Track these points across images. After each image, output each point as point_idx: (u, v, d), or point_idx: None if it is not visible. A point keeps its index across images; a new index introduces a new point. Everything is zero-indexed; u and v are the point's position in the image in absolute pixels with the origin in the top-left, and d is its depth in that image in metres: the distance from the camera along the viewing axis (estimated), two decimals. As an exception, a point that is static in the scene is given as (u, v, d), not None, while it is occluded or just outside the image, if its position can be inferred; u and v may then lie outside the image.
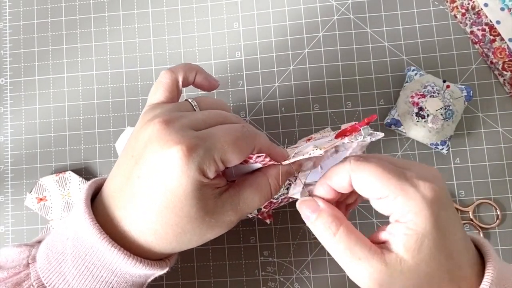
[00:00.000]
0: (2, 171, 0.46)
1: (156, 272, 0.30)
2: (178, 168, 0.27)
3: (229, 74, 0.46)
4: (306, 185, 0.33)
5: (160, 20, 0.47)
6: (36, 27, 0.48)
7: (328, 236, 0.28)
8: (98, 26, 0.47)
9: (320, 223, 0.29)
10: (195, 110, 0.32)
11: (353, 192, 0.30)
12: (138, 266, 0.29)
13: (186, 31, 0.47)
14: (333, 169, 0.29)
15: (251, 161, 0.30)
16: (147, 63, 0.46)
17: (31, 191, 0.45)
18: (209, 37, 0.46)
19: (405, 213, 0.27)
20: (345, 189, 0.29)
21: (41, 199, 0.44)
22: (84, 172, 0.45)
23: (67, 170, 0.45)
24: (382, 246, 0.28)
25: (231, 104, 0.45)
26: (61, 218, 0.44)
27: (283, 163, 0.31)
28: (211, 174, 0.28)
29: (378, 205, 0.29)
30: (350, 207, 0.33)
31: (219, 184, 0.30)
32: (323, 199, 0.30)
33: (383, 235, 0.28)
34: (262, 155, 0.30)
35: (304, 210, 0.30)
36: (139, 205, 0.28)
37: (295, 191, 0.33)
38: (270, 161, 0.31)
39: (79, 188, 0.44)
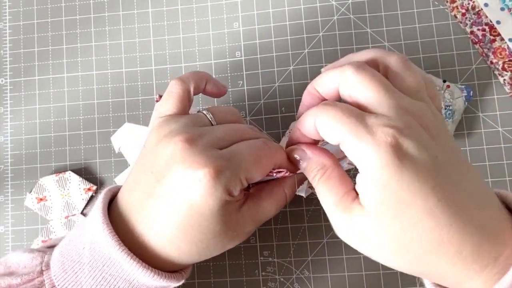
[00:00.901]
0: (2, 171, 0.46)
1: (172, 284, 0.30)
2: (205, 191, 0.27)
3: (229, 74, 0.46)
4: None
5: (160, 20, 0.47)
6: (36, 27, 0.48)
7: (314, 182, 0.28)
8: (98, 26, 0.47)
9: (309, 171, 0.29)
10: (211, 123, 0.32)
11: None
12: (156, 278, 0.29)
13: (186, 31, 0.47)
14: (303, 116, 0.28)
15: (272, 175, 0.31)
16: (147, 63, 0.46)
17: (31, 191, 0.45)
18: (209, 37, 0.46)
19: (362, 161, 0.24)
20: (314, 135, 0.28)
21: (41, 199, 0.44)
22: (84, 172, 0.45)
23: (67, 170, 0.45)
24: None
25: (231, 105, 0.45)
26: (61, 218, 0.44)
27: (298, 172, 0.32)
28: (236, 192, 0.28)
29: (346, 153, 0.26)
30: None
31: (238, 198, 0.30)
32: (313, 145, 0.30)
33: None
34: (282, 171, 0.31)
35: (295, 156, 0.30)
36: (162, 223, 0.28)
37: (299, 189, 0.34)
38: (289, 174, 0.31)
39: (79, 188, 0.44)
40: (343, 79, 0.27)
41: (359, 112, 0.26)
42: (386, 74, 0.28)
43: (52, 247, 0.32)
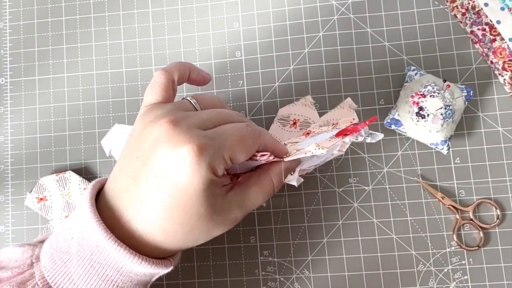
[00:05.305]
0: (2, 171, 0.46)
1: (161, 271, 0.31)
2: (189, 168, 0.27)
3: (229, 74, 0.46)
4: (302, 170, 0.35)
5: (160, 20, 0.47)
6: (36, 27, 0.48)
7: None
8: (98, 26, 0.47)
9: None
10: (195, 109, 0.33)
11: None
12: (144, 265, 0.29)
13: (186, 31, 0.47)
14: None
15: (256, 158, 0.32)
16: (147, 63, 0.46)
17: (31, 191, 0.45)
18: (209, 37, 0.46)
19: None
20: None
21: (41, 199, 0.44)
22: (84, 172, 0.45)
23: (67, 170, 0.45)
24: None
25: (231, 104, 0.45)
26: (61, 218, 0.44)
27: (285, 159, 0.33)
28: (220, 171, 0.29)
29: None
30: None
31: (225, 182, 0.31)
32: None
33: None
34: (266, 154, 0.31)
35: None
36: (148, 206, 0.29)
37: (291, 178, 0.34)
38: (273, 158, 0.32)
39: (79, 188, 0.44)
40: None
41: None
42: None
43: (44, 241, 0.32)
